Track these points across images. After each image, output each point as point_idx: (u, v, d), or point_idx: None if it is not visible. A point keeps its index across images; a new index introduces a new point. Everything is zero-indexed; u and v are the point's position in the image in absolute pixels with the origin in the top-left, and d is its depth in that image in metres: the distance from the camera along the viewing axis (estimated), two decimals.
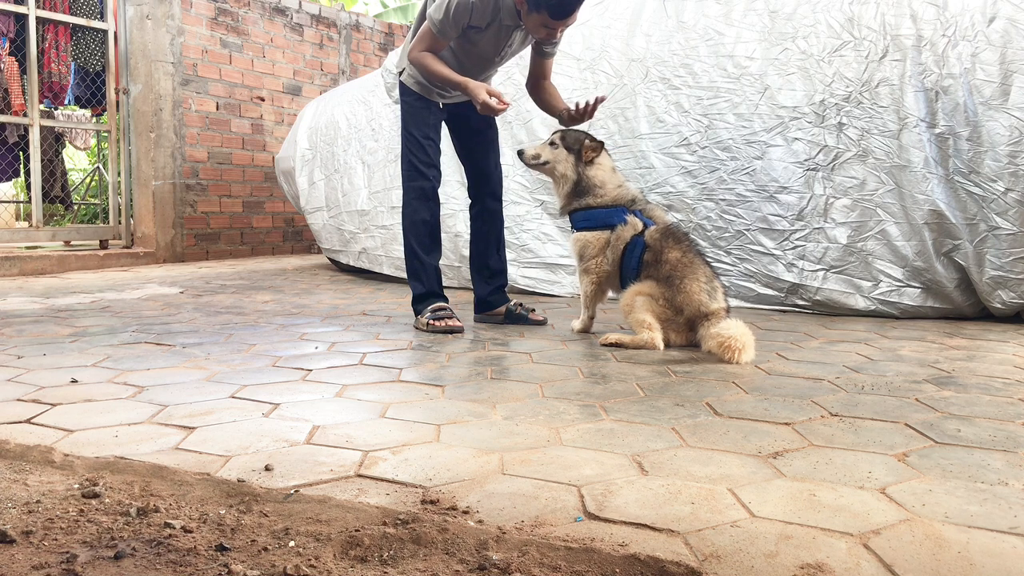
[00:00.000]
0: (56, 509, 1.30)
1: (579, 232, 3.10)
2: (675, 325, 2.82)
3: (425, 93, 3.17)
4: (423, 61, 3.01)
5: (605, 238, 3.03)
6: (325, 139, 5.65)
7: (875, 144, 3.57)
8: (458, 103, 3.24)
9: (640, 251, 2.93)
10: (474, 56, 3.08)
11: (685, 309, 2.78)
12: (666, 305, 2.81)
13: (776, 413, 1.92)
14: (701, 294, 2.77)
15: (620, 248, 2.99)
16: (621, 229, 3.01)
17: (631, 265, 2.95)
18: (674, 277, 2.81)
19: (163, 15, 6.33)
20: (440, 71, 2.98)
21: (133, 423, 1.80)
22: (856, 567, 1.11)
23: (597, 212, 3.05)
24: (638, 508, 1.31)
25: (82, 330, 3.12)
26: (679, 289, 2.79)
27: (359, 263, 5.32)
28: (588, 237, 3.06)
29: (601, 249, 3.03)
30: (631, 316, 2.86)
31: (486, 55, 3.08)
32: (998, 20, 3.34)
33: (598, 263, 3.04)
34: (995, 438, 1.71)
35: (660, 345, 2.77)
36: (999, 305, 3.35)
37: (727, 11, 4.05)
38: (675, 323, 2.82)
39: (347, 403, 2.00)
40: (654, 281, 2.86)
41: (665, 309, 2.81)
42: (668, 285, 2.82)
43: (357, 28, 8.26)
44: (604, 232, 3.03)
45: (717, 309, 2.75)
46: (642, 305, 2.83)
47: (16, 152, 6.78)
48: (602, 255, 3.03)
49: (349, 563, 1.14)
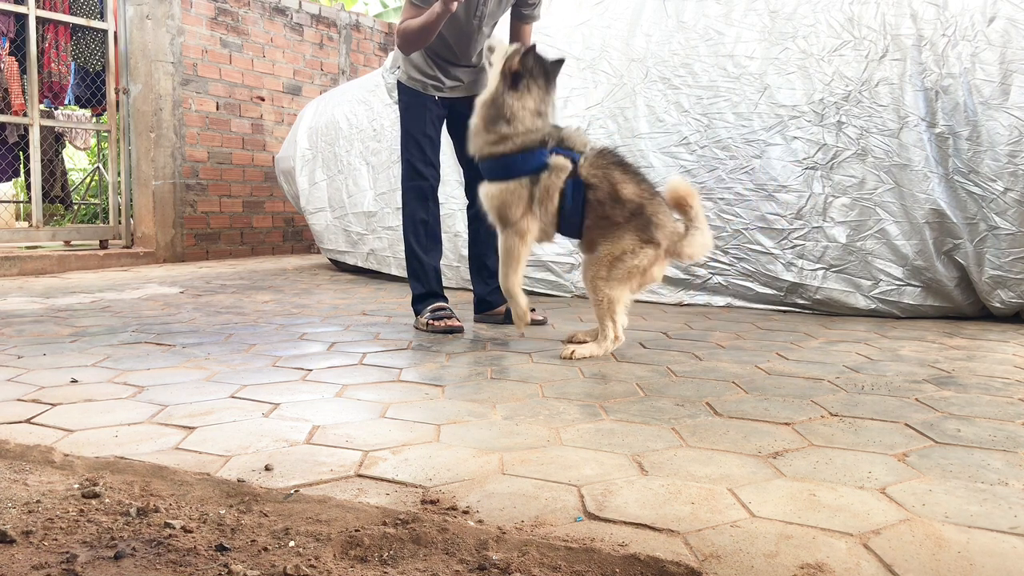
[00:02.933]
0: (56, 509, 1.30)
1: (490, 184, 2.69)
2: (659, 262, 2.61)
3: (420, 88, 3.17)
4: (404, 28, 2.95)
5: (526, 190, 2.61)
6: (326, 139, 5.64)
7: (874, 143, 3.57)
8: (456, 98, 3.24)
9: (581, 194, 2.58)
10: (450, 25, 3.02)
11: (664, 242, 2.58)
12: (644, 249, 2.56)
13: (776, 413, 1.92)
14: (674, 223, 2.59)
15: (556, 198, 2.61)
16: (547, 177, 2.61)
17: (576, 212, 2.60)
18: (643, 214, 2.56)
19: (163, 15, 6.33)
20: (419, 22, 2.88)
21: (133, 423, 1.80)
22: (856, 567, 1.11)
23: (510, 159, 2.63)
24: (638, 508, 1.31)
25: (82, 330, 3.12)
26: (657, 225, 2.56)
27: (367, 264, 5.32)
28: (502, 190, 2.64)
29: (527, 204, 2.62)
30: (600, 303, 2.59)
31: (459, 19, 3.02)
32: (998, 20, 3.34)
33: (528, 222, 2.63)
34: (995, 438, 1.71)
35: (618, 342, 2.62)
36: (999, 305, 3.35)
37: (727, 11, 4.05)
38: (658, 260, 2.60)
39: (347, 403, 2.00)
40: (620, 229, 2.56)
41: (644, 261, 2.57)
42: (643, 228, 2.56)
43: (357, 28, 8.25)
44: (521, 181, 2.61)
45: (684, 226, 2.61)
46: (619, 279, 2.57)
47: (16, 152, 6.78)
48: (529, 211, 2.62)
49: (349, 563, 1.14)
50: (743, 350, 2.76)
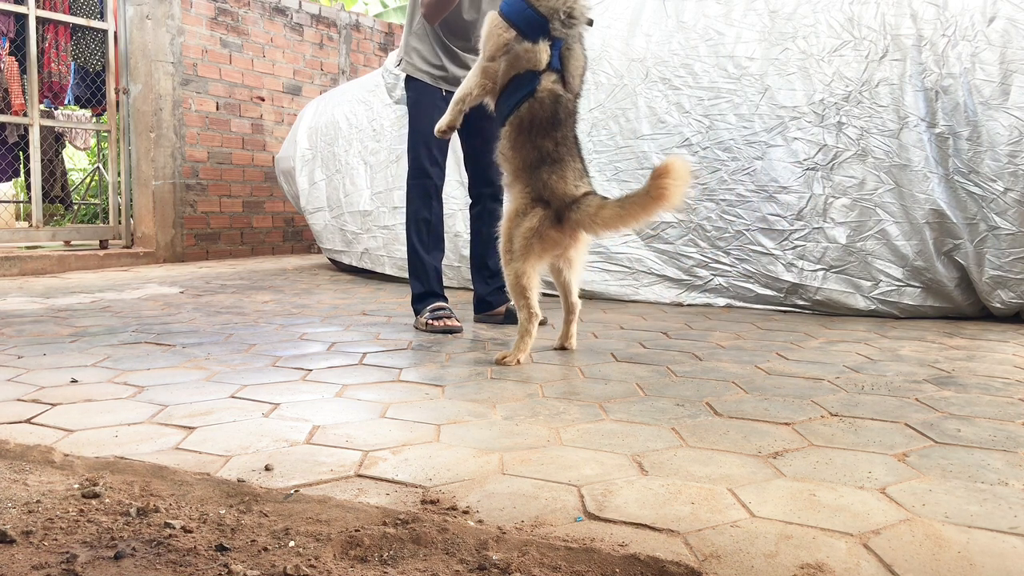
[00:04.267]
0: (56, 509, 1.30)
1: (498, 13, 2.43)
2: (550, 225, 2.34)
3: (428, 79, 3.14)
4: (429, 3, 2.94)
5: (507, 40, 2.36)
6: (325, 139, 5.65)
7: (875, 143, 3.57)
8: None
9: (523, 96, 2.30)
10: (454, 10, 3.04)
11: (553, 201, 2.33)
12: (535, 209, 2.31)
13: (776, 413, 1.92)
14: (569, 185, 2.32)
15: (509, 74, 2.33)
16: (524, 47, 2.32)
17: (508, 104, 2.36)
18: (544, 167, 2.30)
19: (163, 15, 6.33)
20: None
21: (133, 423, 1.80)
22: (856, 567, 1.11)
23: (519, 2, 2.36)
24: (638, 508, 1.31)
25: (82, 330, 3.12)
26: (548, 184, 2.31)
27: (361, 263, 5.32)
28: (499, 23, 2.38)
29: (499, 49, 2.37)
30: (511, 279, 2.40)
31: (462, 7, 3.05)
32: (998, 20, 3.34)
33: (495, 68, 2.37)
34: (995, 438, 1.71)
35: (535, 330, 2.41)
36: (999, 305, 3.35)
37: (727, 11, 4.05)
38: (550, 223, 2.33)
39: (347, 403, 2.00)
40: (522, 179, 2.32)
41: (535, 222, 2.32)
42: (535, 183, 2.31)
43: (357, 28, 8.25)
44: (511, 32, 2.35)
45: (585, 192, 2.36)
46: (520, 250, 2.34)
47: (16, 152, 6.79)
48: (499, 60, 2.36)
49: (349, 563, 1.14)
50: (743, 350, 2.76)
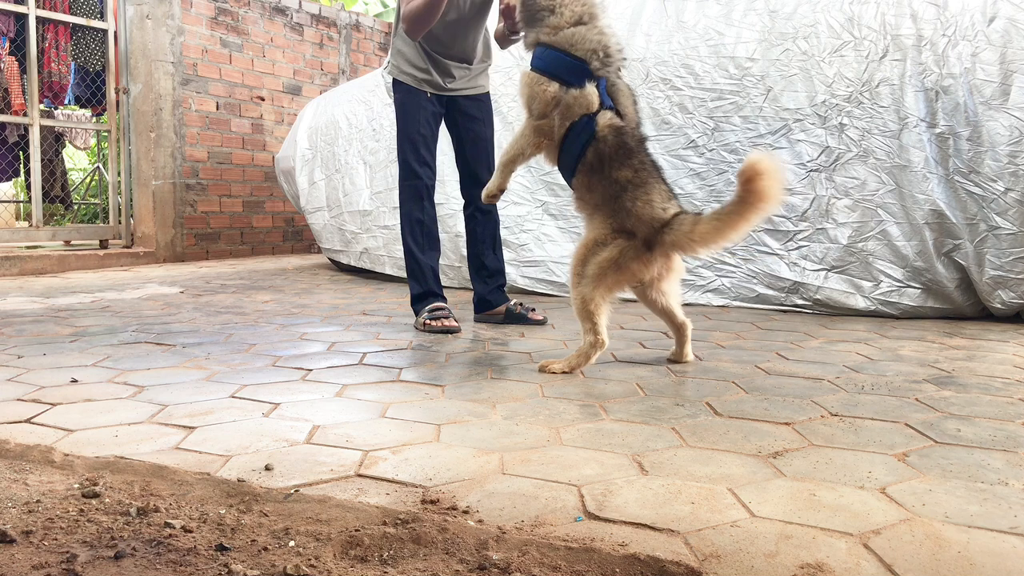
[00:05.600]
0: (56, 509, 1.30)
1: (532, 70, 2.39)
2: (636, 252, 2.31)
3: (413, 83, 3.17)
4: (410, 8, 2.94)
5: (554, 93, 2.31)
6: (325, 139, 5.65)
7: (876, 144, 3.57)
8: (453, 96, 3.24)
9: (586, 140, 2.29)
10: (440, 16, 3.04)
11: (640, 229, 2.30)
12: (616, 239, 2.30)
13: (776, 413, 1.92)
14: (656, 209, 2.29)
15: (564, 125, 2.32)
16: (573, 95, 2.30)
17: (572, 154, 2.33)
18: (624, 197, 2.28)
19: (163, 15, 6.33)
20: (428, 3, 2.89)
21: (133, 423, 1.80)
22: (856, 567, 1.11)
23: (551, 53, 2.34)
24: (638, 508, 1.31)
25: (82, 330, 3.12)
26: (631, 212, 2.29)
27: (360, 263, 5.32)
28: (538, 80, 2.34)
29: (549, 105, 2.32)
30: (581, 302, 2.34)
31: (449, 8, 3.03)
32: (998, 20, 3.34)
33: (549, 124, 2.33)
34: (995, 438, 1.71)
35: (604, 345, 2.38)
36: (999, 305, 3.35)
37: (727, 11, 4.05)
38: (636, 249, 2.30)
39: (347, 403, 2.00)
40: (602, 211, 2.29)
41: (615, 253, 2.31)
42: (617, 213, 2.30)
43: (357, 28, 8.25)
44: (554, 84, 2.31)
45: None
46: (593, 278, 2.30)
47: (16, 152, 6.78)
48: (551, 115, 2.33)
49: (349, 563, 1.14)
50: (743, 350, 2.76)
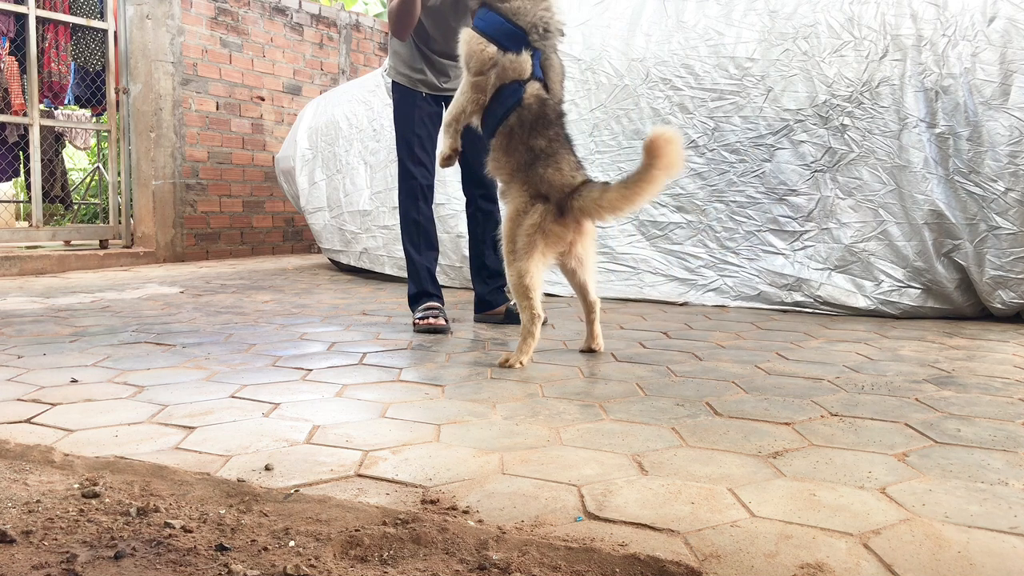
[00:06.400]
0: (56, 509, 1.30)
1: (473, 28, 2.47)
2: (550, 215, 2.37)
3: (408, 83, 3.21)
4: (389, 11, 3.00)
5: (491, 54, 2.39)
6: (325, 139, 5.65)
7: (876, 144, 3.57)
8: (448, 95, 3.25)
9: (512, 105, 2.36)
10: (430, 13, 3.09)
11: (552, 194, 2.37)
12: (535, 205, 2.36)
13: (776, 413, 1.92)
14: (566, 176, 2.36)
15: (496, 86, 2.39)
16: (509, 59, 2.38)
17: (496, 115, 2.41)
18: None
19: (163, 15, 6.33)
20: (401, 2, 2.93)
21: (133, 423, 1.80)
22: (856, 567, 1.11)
23: (494, 17, 2.41)
24: (638, 508, 1.31)
25: (82, 330, 3.12)
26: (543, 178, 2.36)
27: (360, 263, 5.32)
28: (478, 40, 2.41)
29: (486, 64, 2.40)
30: (515, 279, 2.39)
31: (435, 6, 3.09)
32: (998, 20, 3.33)
33: (486, 82, 2.41)
34: (995, 438, 1.71)
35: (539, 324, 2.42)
36: (999, 305, 3.35)
37: (727, 11, 4.05)
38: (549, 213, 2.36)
39: (347, 403, 2.00)
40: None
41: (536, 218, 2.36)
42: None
43: (357, 28, 8.25)
44: (492, 47, 2.39)
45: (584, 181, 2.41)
46: (524, 248, 2.35)
47: (16, 152, 6.78)
48: (488, 73, 2.40)
49: (349, 563, 1.14)
50: (743, 350, 2.76)
